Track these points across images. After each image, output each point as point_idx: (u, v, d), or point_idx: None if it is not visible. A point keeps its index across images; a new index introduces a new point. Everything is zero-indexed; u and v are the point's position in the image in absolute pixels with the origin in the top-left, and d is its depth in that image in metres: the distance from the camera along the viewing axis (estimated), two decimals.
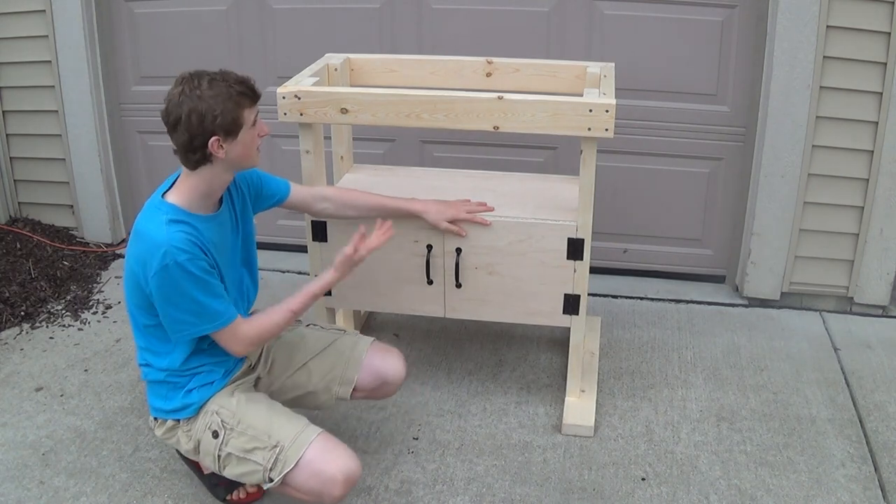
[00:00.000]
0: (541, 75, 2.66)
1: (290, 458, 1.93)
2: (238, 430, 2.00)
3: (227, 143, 1.90)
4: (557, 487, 2.28)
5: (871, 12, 2.76)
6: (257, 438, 1.98)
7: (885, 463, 2.36)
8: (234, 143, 1.91)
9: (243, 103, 1.90)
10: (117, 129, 3.64)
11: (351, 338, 2.30)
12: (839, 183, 3.00)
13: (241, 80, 1.92)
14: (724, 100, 3.13)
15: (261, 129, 1.99)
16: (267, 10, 3.32)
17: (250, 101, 1.92)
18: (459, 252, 2.43)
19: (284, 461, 1.93)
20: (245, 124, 1.91)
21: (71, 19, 3.36)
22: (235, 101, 1.88)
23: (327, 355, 2.25)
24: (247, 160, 1.98)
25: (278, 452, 1.95)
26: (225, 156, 1.91)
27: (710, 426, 2.53)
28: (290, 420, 2.02)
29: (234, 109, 1.88)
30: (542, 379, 2.78)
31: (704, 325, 3.11)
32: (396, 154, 3.42)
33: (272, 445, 1.96)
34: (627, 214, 3.34)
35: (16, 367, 2.85)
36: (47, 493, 2.25)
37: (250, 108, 1.92)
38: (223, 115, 1.86)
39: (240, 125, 1.90)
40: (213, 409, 2.04)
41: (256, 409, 2.04)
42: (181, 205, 1.95)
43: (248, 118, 1.92)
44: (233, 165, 1.97)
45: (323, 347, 2.26)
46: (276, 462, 1.94)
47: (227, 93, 1.87)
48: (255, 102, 1.94)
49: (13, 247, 3.53)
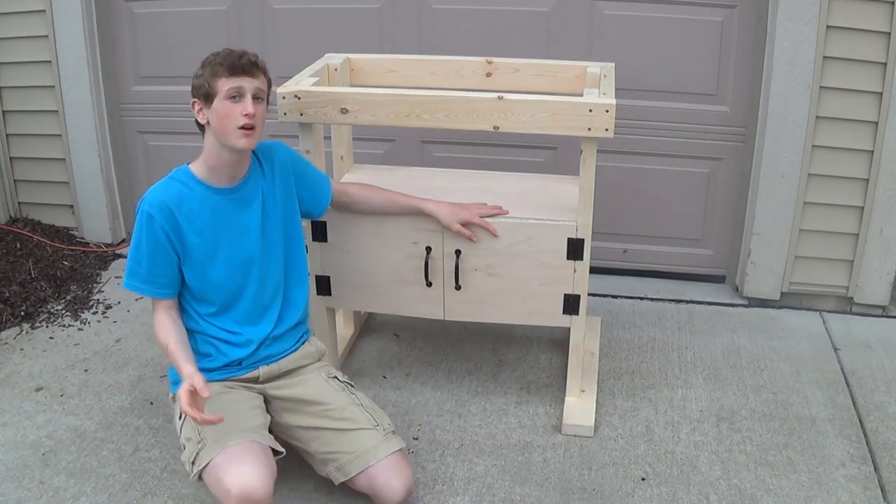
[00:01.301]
0: (541, 75, 2.66)
1: (203, 456, 1.93)
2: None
3: (206, 109, 2.01)
4: (557, 487, 2.28)
5: (871, 12, 2.76)
6: (195, 430, 1.99)
7: (885, 463, 2.36)
8: (211, 112, 2.00)
9: (218, 72, 1.97)
10: (117, 129, 3.64)
11: (375, 437, 2.12)
12: (839, 183, 3.00)
13: (230, 52, 1.99)
14: (723, 100, 3.13)
15: (243, 107, 1.98)
16: (267, 10, 3.32)
17: (226, 71, 1.97)
18: (459, 254, 2.43)
19: (201, 458, 1.94)
20: (217, 93, 1.97)
21: (71, 19, 3.36)
22: (212, 68, 1.98)
23: (342, 437, 2.12)
24: (223, 134, 2.00)
25: (200, 448, 1.95)
26: (207, 122, 2.02)
27: (710, 426, 2.53)
28: (228, 422, 1.96)
29: (209, 76, 1.98)
30: (542, 379, 2.78)
31: (704, 325, 3.11)
32: (396, 154, 3.42)
33: (199, 440, 1.97)
34: (627, 214, 3.34)
35: (16, 367, 2.85)
36: (47, 493, 2.25)
37: (226, 79, 1.97)
38: (199, 78, 2.00)
39: (213, 93, 1.98)
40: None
41: (216, 403, 2.01)
42: (195, 170, 2.08)
43: (221, 88, 1.97)
44: (217, 137, 2.02)
45: (343, 428, 2.12)
46: (197, 457, 1.95)
47: (211, 61, 1.99)
48: (231, 74, 1.97)
49: (13, 247, 3.52)
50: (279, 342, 2.21)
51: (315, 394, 2.17)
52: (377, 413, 2.19)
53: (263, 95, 2.04)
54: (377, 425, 2.14)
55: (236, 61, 1.97)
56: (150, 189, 2.06)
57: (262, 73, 2.04)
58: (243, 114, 1.97)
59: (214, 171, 2.07)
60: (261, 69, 2.03)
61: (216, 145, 2.04)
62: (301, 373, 2.23)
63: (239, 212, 2.11)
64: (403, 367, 2.85)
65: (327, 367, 2.30)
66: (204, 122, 2.02)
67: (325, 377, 2.23)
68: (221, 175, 2.08)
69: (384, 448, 2.10)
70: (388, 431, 2.15)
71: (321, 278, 2.58)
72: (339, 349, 2.80)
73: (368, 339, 3.02)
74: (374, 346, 2.98)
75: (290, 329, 2.23)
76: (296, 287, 2.26)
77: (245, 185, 2.12)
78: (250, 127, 1.99)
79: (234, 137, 1.99)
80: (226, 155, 2.04)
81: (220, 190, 2.08)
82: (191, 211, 2.04)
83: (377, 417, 2.17)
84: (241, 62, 1.98)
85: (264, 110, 2.04)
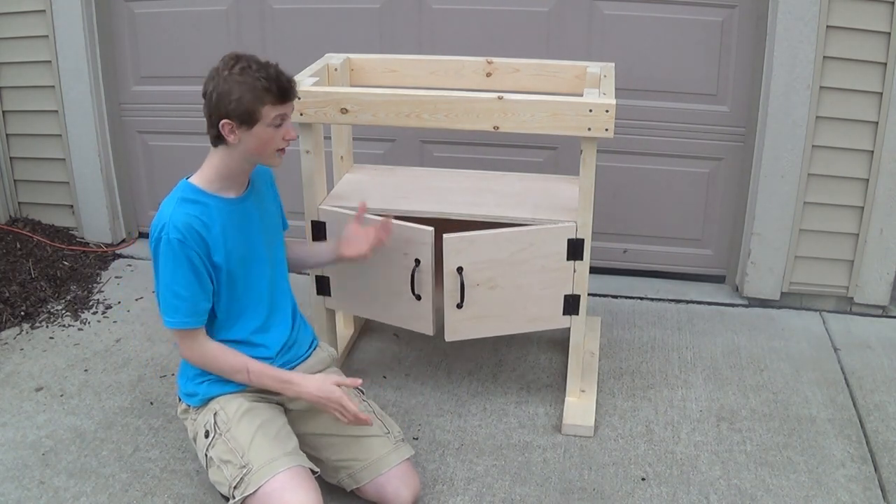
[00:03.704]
0: (541, 75, 2.66)
1: (252, 483, 1.90)
2: (224, 438, 1.99)
3: (240, 130, 1.91)
4: (557, 487, 2.28)
5: (871, 12, 2.76)
6: (233, 452, 1.96)
7: (885, 463, 2.36)
8: (248, 134, 1.92)
9: (265, 98, 1.89)
10: (117, 129, 3.64)
11: (386, 445, 2.12)
12: (839, 183, 3.00)
13: (275, 76, 1.90)
14: (723, 100, 3.13)
15: (287, 132, 1.97)
16: (267, 10, 3.32)
17: (274, 98, 1.90)
18: (461, 271, 2.36)
19: (247, 484, 1.91)
20: (262, 119, 1.90)
21: (71, 19, 3.36)
22: (257, 94, 1.88)
23: (354, 445, 2.11)
24: (262, 156, 1.98)
25: (244, 473, 1.92)
26: (238, 143, 1.93)
27: (710, 426, 2.53)
28: (270, 444, 1.96)
29: (252, 101, 1.88)
30: (542, 379, 2.78)
31: (704, 325, 3.11)
32: (396, 154, 3.42)
33: (242, 465, 1.93)
34: (627, 214, 3.34)
35: (16, 367, 2.85)
36: (47, 493, 2.25)
37: (273, 106, 1.90)
38: (239, 102, 1.88)
39: (256, 118, 1.90)
40: (215, 407, 2.05)
41: (247, 423, 2.00)
42: (200, 184, 2.00)
43: (268, 114, 1.90)
44: (249, 155, 1.98)
45: (356, 435, 2.11)
46: (241, 482, 1.92)
47: (252, 83, 1.87)
48: (280, 102, 1.92)
49: (13, 247, 3.52)
50: (295, 347, 2.20)
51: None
52: (387, 420, 2.20)
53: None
54: (388, 433, 2.15)
55: (285, 87, 1.91)
56: (163, 214, 1.94)
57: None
58: (286, 138, 1.96)
59: (226, 182, 2.02)
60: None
61: (238, 159, 1.98)
62: None
63: (252, 219, 2.08)
64: (403, 367, 2.85)
65: (338, 372, 2.29)
66: (235, 142, 1.93)
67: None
68: (234, 185, 2.04)
69: (395, 456, 2.11)
70: (398, 439, 2.15)
71: (321, 278, 2.58)
72: (339, 349, 2.80)
73: (368, 339, 3.02)
74: (374, 346, 2.98)
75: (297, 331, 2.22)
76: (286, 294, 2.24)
77: (249, 196, 2.09)
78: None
79: (271, 158, 1.99)
80: (246, 167, 2.02)
81: (233, 201, 2.04)
82: (212, 226, 1.98)
83: (388, 425, 2.18)
84: (289, 87, 1.92)
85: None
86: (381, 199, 2.57)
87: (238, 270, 2.04)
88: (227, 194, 2.03)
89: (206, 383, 2.07)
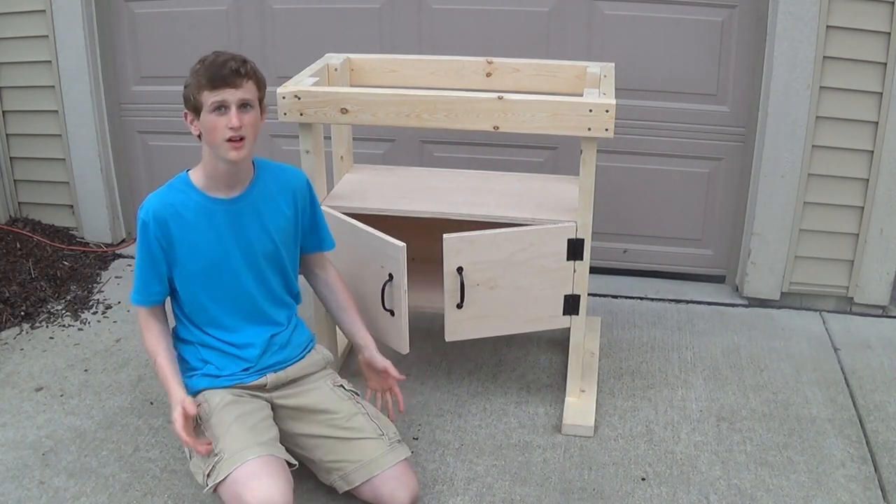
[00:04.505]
0: (541, 75, 2.66)
1: (222, 470, 1.90)
2: (204, 427, 2.02)
3: (196, 121, 1.96)
4: (557, 487, 2.28)
5: (871, 12, 2.76)
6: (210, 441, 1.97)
7: (885, 463, 2.36)
8: (200, 124, 1.95)
9: (201, 84, 1.90)
10: (117, 129, 3.64)
11: (380, 447, 2.10)
12: (839, 183, 3.00)
13: (211, 62, 1.90)
14: (723, 100, 3.13)
15: (228, 120, 1.91)
16: (267, 10, 3.32)
17: (207, 83, 1.89)
18: (461, 271, 2.36)
19: (218, 471, 1.91)
20: (203, 106, 1.91)
21: (71, 19, 3.36)
22: (196, 81, 1.92)
23: (346, 446, 2.10)
24: (213, 146, 1.96)
25: (216, 461, 1.93)
26: (199, 134, 1.98)
27: (710, 426, 2.53)
28: (245, 434, 1.96)
29: (193, 88, 1.93)
30: (542, 379, 2.78)
31: (704, 325, 3.11)
32: (396, 154, 3.42)
33: (215, 453, 1.94)
34: (627, 214, 3.34)
35: (16, 367, 2.85)
36: (47, 493, 2.25)
37: (210, 92, 1.89)
38: (187, 90, 1.95)
39: (199, 106, 1.93)
40: (200, 399, 2.06)
41: (226, 414, 2.01)
42: (193, 178, 2.06)
43: (206, 101, 1.90)
44: (209, 148, 1.98)
45: (348, 437, 2.10)
46: (213, 470, 1.93)
47: (195, 70, 1.93)
48: (212, 88, 1.89)
49: (13, 247, 3.52)
50: (286, 349, 2.19)
51: (321, 402, 2.15)
52: (382, 422, 2.18)
53: (252, 103, 1.94)
54: (382, 434, 2.13)
55: (217, 73, 1.88)
56: (149, 196, 2.06)
57: (249, 80, 1.93)
58: (228, 127, 1.91)
59: (212, 181, 2.04)
60: (245, 76, 1.92)
61: (211, 156, 2.00)
62: (307, 381, 2.20)
63: (240, 223, 2.07)
64: (403, 368, 2.85)
65: (333, 374, 2.27)
66: (197, 133, 1.98)
67: (332, 385, 2.21)
68: (219, 184, 2.04)
69: (390, 458, 2.09)
70: (393, 441, 2.13)
71: None
72: (338, 350, 2.79)
73: None
74: None
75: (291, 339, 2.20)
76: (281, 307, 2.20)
77: (244, 199, 2.07)
78: (238, 139, 1.92)
79: (224, 150, 1.94)
80: (221, 165, 2.00)
81: (217, 200, 2.04)
82: (185, 220, 2.01)
83: (382, 426, 2.15)
84: (221, 73, 1.88)
85: (254, 118, 1.96)
86: (381, 200, 2.57)
87: (207, 269, 2.05)
88: (215, 193, 2.04)
89: (195, 377, 2.10)
